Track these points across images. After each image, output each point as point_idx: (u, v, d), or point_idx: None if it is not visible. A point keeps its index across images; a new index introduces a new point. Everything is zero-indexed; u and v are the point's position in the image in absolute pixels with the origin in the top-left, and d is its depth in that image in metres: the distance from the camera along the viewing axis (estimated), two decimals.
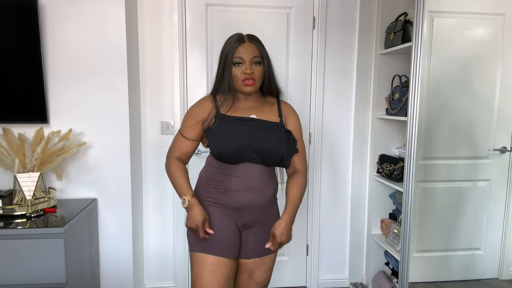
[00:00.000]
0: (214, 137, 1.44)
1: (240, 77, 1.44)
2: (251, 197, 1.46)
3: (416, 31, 1.88)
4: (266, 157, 1.45)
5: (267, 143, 1.44)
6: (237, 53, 1.44)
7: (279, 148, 1.45)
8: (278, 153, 1.45)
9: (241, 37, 1.47)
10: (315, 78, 2.43)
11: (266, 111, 1.52)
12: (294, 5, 2.37)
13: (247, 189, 1.45)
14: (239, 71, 1.44)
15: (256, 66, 1.46)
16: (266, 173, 1.49)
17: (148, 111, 2.33)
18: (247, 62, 1.44)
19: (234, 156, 1.44)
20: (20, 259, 1.63)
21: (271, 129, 1.48)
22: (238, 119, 1.47)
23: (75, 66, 2.00)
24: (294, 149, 1.50)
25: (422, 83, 1.91)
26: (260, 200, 1.48)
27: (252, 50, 1.45)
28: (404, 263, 2.02)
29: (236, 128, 1.45)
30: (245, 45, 1.45)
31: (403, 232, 2.01)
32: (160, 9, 2.28)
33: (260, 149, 1.43)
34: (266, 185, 1.49)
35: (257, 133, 1.45)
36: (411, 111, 1.92)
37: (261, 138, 1.44)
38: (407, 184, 1.97)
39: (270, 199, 1.53)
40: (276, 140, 1.45)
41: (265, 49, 1.50)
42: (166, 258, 2.45)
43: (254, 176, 1.46)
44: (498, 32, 2.26)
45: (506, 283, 2.42)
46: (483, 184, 2.38)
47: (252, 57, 1.44)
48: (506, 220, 2.40)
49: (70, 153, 1.93)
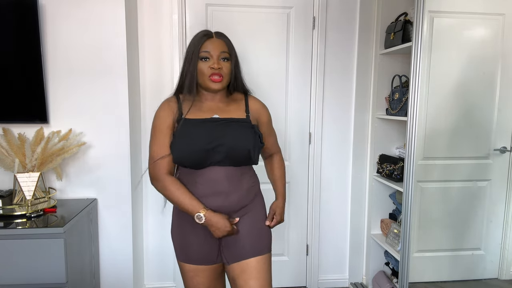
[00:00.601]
0: (174, 145, 1.37)
1: (207, 73, 1.37)
2: (217, 202, 1.38)
3: (416, 31, 1.88)
4: (232, 157, 1.37)
5: (230, 141, 1.36)
6: (204, 47, 1.38)
7: (243, 144, 1.38)
8: (243, 149, 1.37)
9: (208, 32, 1.42)
10: (315, 78, 2.43)
11: (232, 110, 1.45)
12: (294, 5, 2.37)
13: (213, 195, 1.37)
14: (206, 66, 1.37)
15: (224, 62, 1.40)
16: (234, 175, 1.40)
17: (148, 111, 2.33)
18: (215, 57, 1.37)
19: (197, 162, 1.36)
20: (20, 259, 1.63)
21: (234, 126, 1.40)
22: (199, 121, 1.39)
23: (75, 66, 2.00)
24: (261, 143, 1.43)
25: (422, 83, 1.91)
26: (226, 204, 1.39)
27: (220, 46, 1.39)
28: (404, 263, 2.02)
29: (196, 132, 1.37)
30: (213, 40, 1.40)
31: (403, 232, 2.01)
32: (160, 9, 2.28)
33: (223, 149, 1.35)
34: (234, 188, 1.40)
35: (218, 133, 1.37)
36: (411, 111, 1.92)
37: (223, 137, 1.36)
38: (407, 184, 1.97)
39: (241, 202, 1.43)
40: (240, 136, 1.38)
41: (233, 46, 1.46)
42: (166, 258, 2.45)
43: (219, 181, 1.37)
44: (498, 32, 2.26)
45: (506, 283, 2.42)
46: (483, 184, 2.38)
47: (220, 52, 1.38)
48: (506, 220, 2.40)
49: (70, 153, 1.93)
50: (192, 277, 1.47)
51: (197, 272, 1.46)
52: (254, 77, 2.34)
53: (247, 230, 1.44)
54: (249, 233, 1.44)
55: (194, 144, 1.35)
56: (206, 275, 1.47)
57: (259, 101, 1.54)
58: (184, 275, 1.49)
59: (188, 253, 1.45)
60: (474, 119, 2.33)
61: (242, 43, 2.33)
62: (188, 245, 1.44)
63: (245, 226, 1.44)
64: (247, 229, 1.44)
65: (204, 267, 1.46)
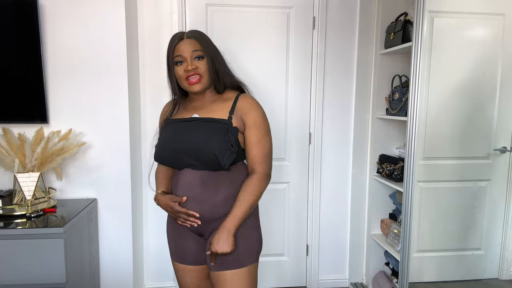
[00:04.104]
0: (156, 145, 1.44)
1: (183, 76, 1.35)
2: (192, 208, 1.35)
3: (416, 31, 1.88)
4: (200, 160, 1.31)
5: (195, 144, 1.31)
6: (176, 51, 1.36)
7: (210, 147, 1.28)
8: (208, 152, 1.28)
9: (180, 35, 1.39)
10: (315, 78, 2.43)
11: (216, 109, 1.38)
12: (294, 5, 2.37)
13: (190, 199, 1.35)
14: (181, 69, 1.35)
15: (198, 60, 1.35)
16: (209, 180, 1.33)
17: (148, 111, 2.33)
18: (188, 59, 1.34)
19: (171, 163, 1.40)
20: (20, 259, 1.62)
21: (206, 127, 1.33)
22: (176, 121, 1.40)
23: (75, 66, 2.00)
24: (234, 147, 1.31)
25: (422, 83, 1.91)
26: (199, 211, 1.34)
27: (191, 45, 1.35)
28: (404, 263, 2.02)
29: (168, 132, 1.39)
30: (184, 41, 1.36)
31: (403, 232, 2.01)
32: (160, 9, 2.28)
33: (190, 151, 1.31)
34: (208, 195, 1.34)
35: (187, 134, 1.34)
36: (411, 111, 1.92)
37: (190, 139, 1.32)
38: (407, 184, 1.97)
39: (216, 210, 1.35)
40: (207, 139, 1.30)
41: (210, 42, 1.41)
42: (166, 258, 2.45)
43: (193, 185, 1.34)
44: (498, 32, 2.26)
45: (506, 283, 2.41)
46: (483, 184, 2.38)
47: (192, 51, 1.34)
48: (506, 220, 2.39)
49: (70, 153, 1.93)
50: (181, 276, 1.50)
51: (186, 271, 1.48)
52: (254, 77, 2.34)
53: None
54: None
55: (164, 143, 1.39)
56: (195, 275, 1.48)
57: (250, 100, 1.39)
58: (176, 273, 1.54)
59: (177, 253, 1.48)
60: (474, 119, 2.33)
61: (242, 43, 2.33)
62: (178, 245, 1.47)
63: None
64: None
65: (192, 267, 1.47)
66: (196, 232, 1.42)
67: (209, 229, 1.39)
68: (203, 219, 1.36)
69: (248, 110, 1.36)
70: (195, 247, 1.45)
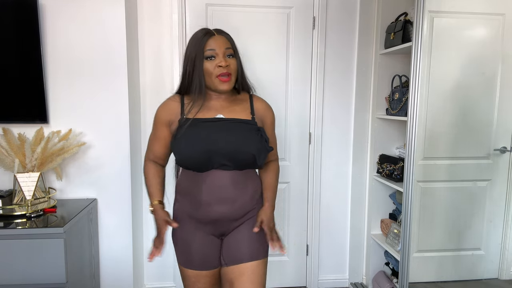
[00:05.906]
0: (176, 145, 1.33)
1: (214, 72, 1.31)
2: (222, 210, 1.34)
3: (416, 31, 1.88)
4: (236, 160, 1.31)
5: (233, 144, 1.30)
6: (208, 45, 1.31)
7: (248, 148, 1.31)
8: (247, 153, 1.31)
9: (209, 30, 1.36)
10: (315, 78, 2.43)
11: (238, 110, 1.39)
12: (294, 5, 2.37)
13: (218, 202, 1.34)
14: (212, 65, 1.31)
15: (230, 58, 1.34)
16: (239, 179, 1.35)
17: (148, 111, 2.33)
18: (221, 55, 1.31)
19: (199, 165, 1.32)
20: (20, 259, 1.62)
21: (239, 128, 1.34)
22: (202, 121, 1.34)
23: (75, 66, 2.00)
24: (268, 147, 1.36)
25: (422, 83, 1.91)
26: (231, 211, 1.36)
27: (224, 42, 1.33)
28: (404, 263, 2.02)
29: (198, 132, 1.31)
30: (216, 37, 1.33)
31: (403, 232, 2.01)
32: (160, 9, 2.28)
33: (226, 152, 1.30)
34: (239, 194, 1.36)
35: (222, 134, 1.31)
36: (411, 111, 1.92)
37: (227, 139, 1.31)
38: (407, 184, 1.97)
39: (246, 208, 1.39)
40: (244, 140, 1.32)
41: (235, 42, 1.41)
42: (166, 258, 2.45)
43: (224, 186, 1.33)
44: (498, 32, 2.26)
45: (506, 283, 2.41)
46: (483, 184, 2.38)
47: (225, 48, 1.33)
48: (506, 220, 2.39)
49: (70, 153, 1.93)
50: (194, 282, 1.44)
51: (199, 278, 1.43)
52: (254, 77, 2.33)
53: (247, 234, 1.40)
54: (248, 237, 1.40)
55: (195, 144, 1.30)
56: (208, 281, 1.44)
57: (264, 102, 1.48)
58: (186, 280, 1.46)
59: (189, 258, 1.42)
60: (474, 119, 2.33)
61: (242, 43, 2.29)
62: (190, 250, 1.41)
63: (245, 230, 1.40)
64: (247, 233, 1.40)
65: (206, 272, 1.42)
66: (219, 233, 1.41)
67: (231, 227, 1.40)
68: (232, 219, 1.38)
69: (266, 111, 1.47)
70: (216, 250, 1.42)
